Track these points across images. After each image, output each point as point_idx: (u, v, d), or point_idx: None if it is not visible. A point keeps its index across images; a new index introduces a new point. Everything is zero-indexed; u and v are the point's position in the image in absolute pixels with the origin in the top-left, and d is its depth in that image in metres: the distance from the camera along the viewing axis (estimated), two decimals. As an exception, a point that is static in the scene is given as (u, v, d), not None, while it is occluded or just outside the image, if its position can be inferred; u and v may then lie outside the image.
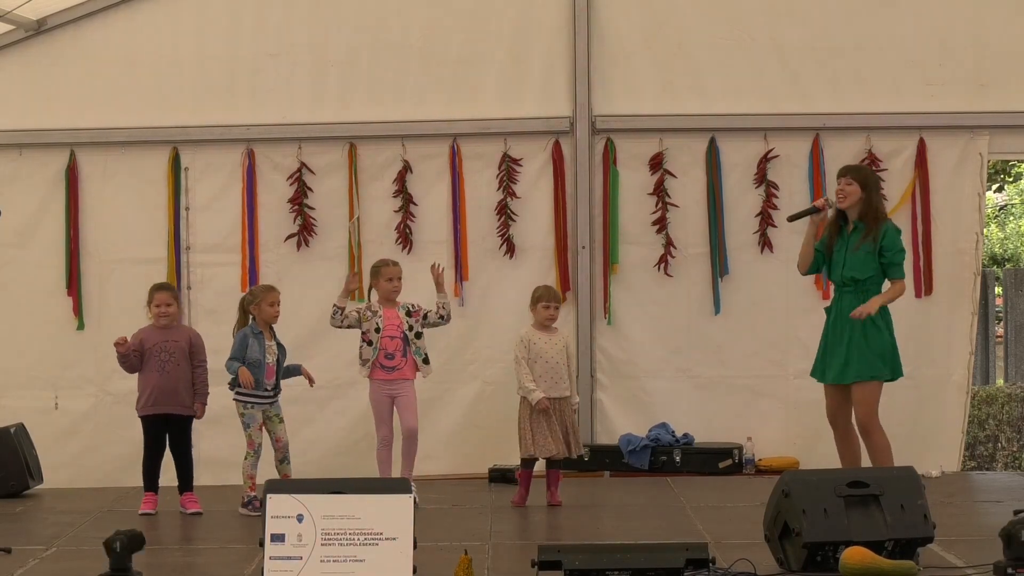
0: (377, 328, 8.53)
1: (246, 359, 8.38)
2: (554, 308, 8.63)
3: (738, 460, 9.75)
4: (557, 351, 8.55)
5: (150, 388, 8.43)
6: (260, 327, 8.49)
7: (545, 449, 8.43)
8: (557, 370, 8.51)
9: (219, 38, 10.14)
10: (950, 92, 9.96)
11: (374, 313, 8.58)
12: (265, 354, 8.44)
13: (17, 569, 6.93)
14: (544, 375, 8.49)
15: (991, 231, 22.94)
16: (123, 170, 10.18)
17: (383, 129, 10.11)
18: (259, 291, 8.60)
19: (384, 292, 8.60)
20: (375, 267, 8.72)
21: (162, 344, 8.44)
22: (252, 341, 8.42)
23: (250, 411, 8.44)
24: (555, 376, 8.51)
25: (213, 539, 7.81)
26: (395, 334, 8.55)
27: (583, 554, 6.16)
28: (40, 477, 9.53)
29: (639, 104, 10.08)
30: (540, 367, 8.50)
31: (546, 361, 8.51)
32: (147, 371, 8.44)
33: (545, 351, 8.53)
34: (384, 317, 8.56)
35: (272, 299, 8.52)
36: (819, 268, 8.42)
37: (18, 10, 9.68)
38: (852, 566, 6.19)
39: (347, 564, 6.07)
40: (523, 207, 10.12)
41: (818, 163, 9.99)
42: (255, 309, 8.49)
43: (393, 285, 8.60)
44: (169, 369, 8.43)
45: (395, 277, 8.62)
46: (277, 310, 8.55)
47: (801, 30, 10.01)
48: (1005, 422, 12.81)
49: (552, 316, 8.62)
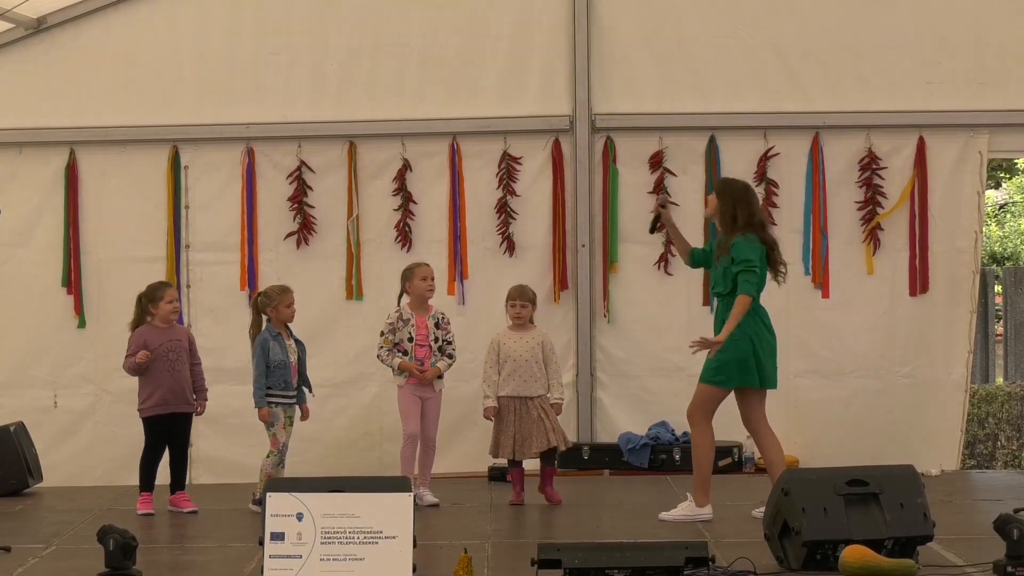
0: (410, 337, 8.57)
1: (270, 363, 8.37)
2: (520, 306, 8.63)
3: (738, 459, 9.75)
4: (528, 350, 8.55)
5: (162, 388, 8.41)
6: (277, 328, 8.49)
7: (507, 451, 8.50)
8: (527, 369, 8.52)
9: (219, 37, 10.14)
10: (949, 91, 9.96)
11: (406, 322, 8.61)
12: (288, 354, 8.45)
13: (17, 568, 6.93)
14: (512, 375, 8.53)
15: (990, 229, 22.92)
16: (123, 169, 10.18)
17: (383, 128, 10.11)
18: (275, 292, 8.57)
19: (419, 292, 8.63)
20: (407, 270, 8.73)
21: (168, 344, 8.44)
22: (273, 344, 8.41)
23: (275, 410, 8.44)
24: (524, 376, 8.52)
25: (213, 538, 7.81)
26: (425, 343, 8.62)
27: (582, 552, 6.16)
28: (40, 476, 9.53)
29: (639, 103, 10.08)
30: (509, 367, 8.53)
31: (514, 360, 8.52)
32: (155, 372, 8.40)
33: (515, 350, 8.54)
34: (416, 326, 8.60)
35: (288, 300, 8.53)
36: (709, 265, 8.22)
37: (18, 8, 9.68)
38: (852, 564, 6.20)
39: (347, 563, 6.07)
40: (523, 206, 10.12)
41: (818, 162, 9.99)
42: (272, 311, 8.48)
43: (428, 284, 8.65)
44: (178, 368, 8.46)
45: (429, 276, 8.67)
46: (294, 310, 8.56)
47: (801, 30, 10.01)
48: (1005, 420, 12.80)
49: (520, 315, 8.62)
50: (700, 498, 7.95)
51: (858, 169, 10.00)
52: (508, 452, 8.54)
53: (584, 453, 9.84)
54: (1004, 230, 23.60)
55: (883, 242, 9.98)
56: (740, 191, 8.04)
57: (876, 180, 9.97)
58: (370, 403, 9.98)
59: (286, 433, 8.49)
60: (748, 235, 7.85)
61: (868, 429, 9.88)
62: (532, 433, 8.48)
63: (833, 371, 10.02)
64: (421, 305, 8.69)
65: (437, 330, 8.68)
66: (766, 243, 7.93)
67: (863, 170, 9.99)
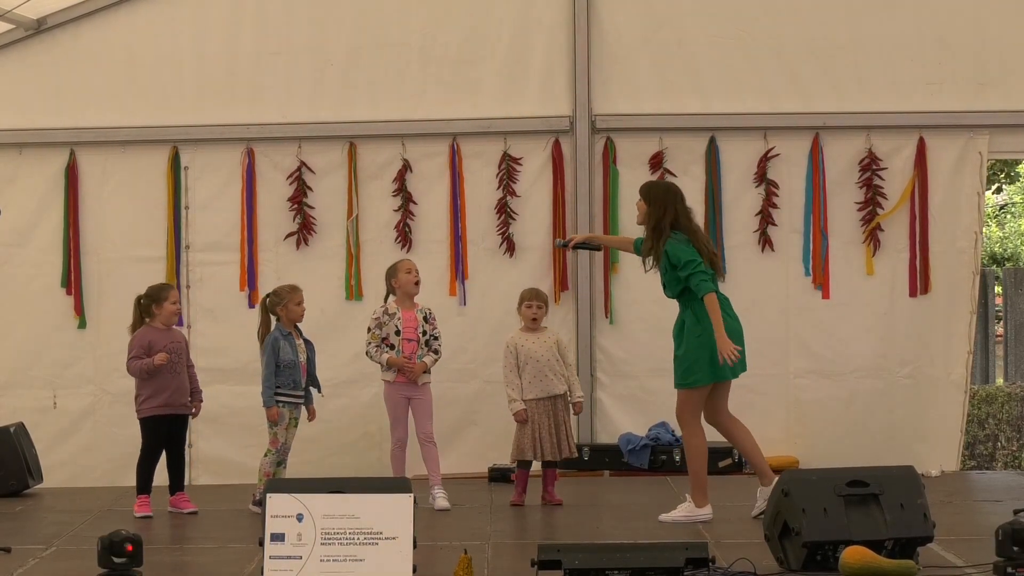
0: (397, 331, 8.55)
1: (280, 362, 8.38)
2: (537, 308, 8.63)
3: (738, 459, 9.73)
4: (547, 349, 8.56)
5: (167, 390, 8.40)
6: (287, 327, 8.49)
7: (544, 452, 8.48)
8: (550, 368, 8.52)
9: (219, 37, 10.14)
10: (950, 91, 9.96)
11: (391, 316, 8.58)
12: (297, 353, 8.45)
13: (17, 568, 6.93)
14: (535, 377, 8.51)
15: (990, 230, 22.93)
16: (123, 169, 10.18)
17: (383, 128, 10.11)
18: (285, 291, 8.57)
19: (405, 285, 8.58)
20: (391, 268, 8.72)
21: (170, 346, 8.44)
22: (283, 343, 8.42)
23: (281, 411, 8.44)
24: (547, 376, 8.52)
25: (212, 538, 7.81)
26: (413, 336, 8.58)
27: (583, 553, 6.16)
28: (40, 476, 9.53)
29: (639, 103, 10.08)
30: (531, 369, 8.51)
31: (536, 361, 8.51)
32: (161, 374, 8.38)
33: (534, 352, 8.54)
34: (403, 319, 8.57)
35: (298, 298, 8.54)
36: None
37: (18, 9, 9.68)
38: (852, 565, 6.19)
39: (347, 563, 6.07)
40: (523, 206, 10.12)
41: (818, 162, 9.99)
42: (282, 310, 8.49)
43: (413, 277, 8.60)
44: (179, 370, 8.47)
45: (413, 269, 8.64)
46: (304, 308, 8.57)
47: (801, 29, 10.01)
48: (1005, 421, 12.81)
49: (535, 316, 8.62)
50: (699, 499, 7.95)
51: (858, 170, 10.00)
52: (531, 454, 8.49)
53: (584, 454, 9.83)
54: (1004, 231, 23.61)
55: (883, 243, 9.98)
56: (665, 193, 7.98)
57: (876, 181, 9.97)
58: (370, 403, 9.96)
59: (288, 434, 8.49)
60: (674, 235, 7.80)
61: (868, 429, 9.88)
62: (553, 437, 8.47)
63: (833, 371, 10.02)
64: (407, 300, 8.65)
65: (426, 324, 8.65)
66: (691, 235, 7.85)
67: (863, 171, 9.99)
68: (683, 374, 7.90)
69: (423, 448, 8.63)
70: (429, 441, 8.63)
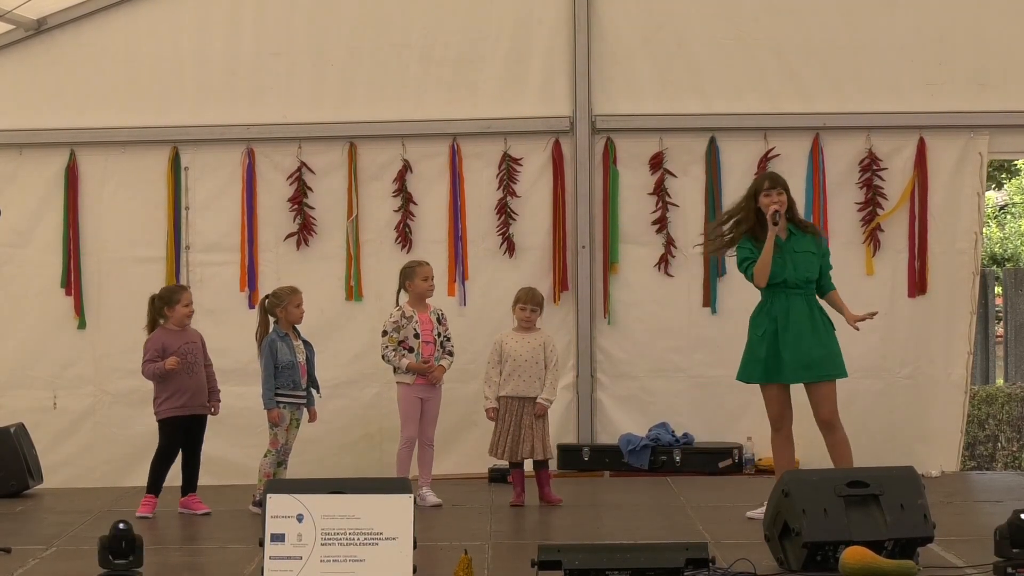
0: (416, 334, 8.58)
1: (278, 364, 8.38)
2: (530, 310, 8.65)
3: (738, 460, 9.75)
4: (530, 350, 8.57)
5: (185, 391, 8.41)
6: (284, 328, 8.49)
7: (503, 452, 8.52)
8: (527, 369, 8.53)
9: (219, 38, 10.14)
10: (950, 92, 9.95)
11: (409, 319, 8.61)
12: (296, 355, 8.45)
13: (17, 569, 6.93)
14: (512, 374, 8.54)
15: (991, 231, 22.93)
16: (123, 170, 10.18)
17: (383, 129, 10.11)
18: (284, 293, 8.57)
19: (420, 292, 8.65)
20: (407, 268, 8.74)
21: (185, 347, 8.44)
22: (280, 345, 8.42)
23: (282, 412, 8.44)
24: (524, 376, 8.54)
25: (213, 539, 7.82)
26: (430, 339, 8.64)
27: (583, 554, 6.17)
28: (40, 477, 9.53)
29: (639, 104, 10.08)
30: (509, 366, 8.55)
31: (514, 360, 8.54)
32: (176, 375, 8.37)
33: (516, 351, 8.56)
34: (419, 322, 8.60)
35: (298, 300, 8.54)
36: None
37: (18, 10, 9.68)
38: (852, 566, 6.20)
39: (347, 564, 6.07)
40: (523, 206, 10.12)
41: (818, 163, 9.99)
42: (281, 312, 8.49)
43: (429, 284, 8.69)
44: (196, 370, 8.48)
45: (430, 277, 8.71)
46: (303, 310, 8.58)
47: (801, 30, 10.00)
48: (1005, 422, 12.81)
49: (528, 318, 8.64)
50: None
51: (858, 170, 10.00)
52: (503, 453, 8.55)
53: (584, 454, 9.84)
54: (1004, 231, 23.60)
55: (883, 243, 9.98)
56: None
57: (876, 181, 9.97)
58: (370, 404, 9.98)
59: (289, 434, 8.49)
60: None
61: (868, 430, 9.85)
62: (525, 438, 8.49)
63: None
64: (420, 303, 8.69)
65: (439, 325, 8.70)
66: None
67: (863, 171, 9.99)
68: (838, 363, 8.09)
69: (421, 450, 8.67)
70: (429, 444, 8.70)
